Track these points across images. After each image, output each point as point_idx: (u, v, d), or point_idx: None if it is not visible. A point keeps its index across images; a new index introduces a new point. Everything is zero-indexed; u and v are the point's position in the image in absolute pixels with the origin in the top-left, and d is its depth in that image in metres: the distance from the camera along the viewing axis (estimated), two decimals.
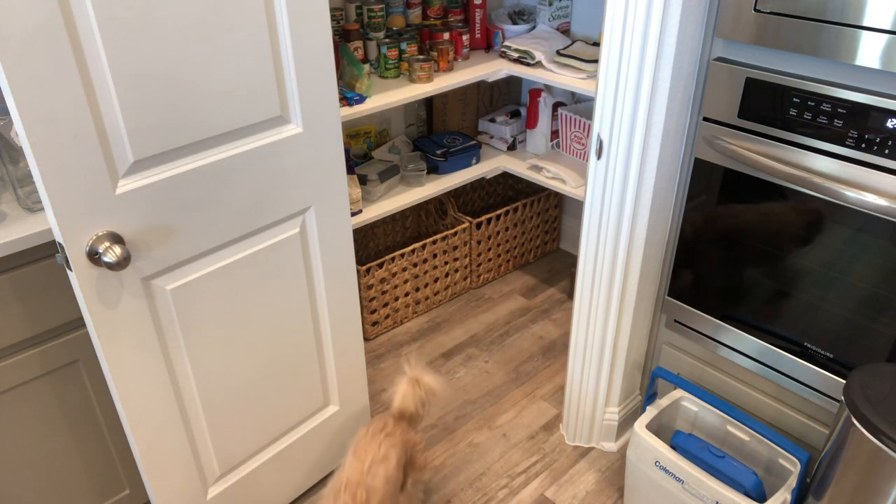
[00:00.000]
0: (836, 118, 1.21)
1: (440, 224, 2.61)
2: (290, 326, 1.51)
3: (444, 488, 1.81)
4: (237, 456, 1.54)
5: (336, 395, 1.72)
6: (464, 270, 2.58)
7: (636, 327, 1.72)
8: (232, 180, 1.27)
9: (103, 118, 1.06)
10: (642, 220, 1.54)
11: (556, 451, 1.92)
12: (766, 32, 1.25)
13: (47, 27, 0.95)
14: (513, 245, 2.67)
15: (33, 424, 1.37)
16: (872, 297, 1.29)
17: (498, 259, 2.65)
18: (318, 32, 1.29)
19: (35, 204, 1.27)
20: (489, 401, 2.10)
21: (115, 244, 1.10)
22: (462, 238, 2.47)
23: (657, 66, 1.35)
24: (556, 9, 2.39)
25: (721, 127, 1.39)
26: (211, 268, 1.31)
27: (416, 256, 2.35)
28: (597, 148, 1.50)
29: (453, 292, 2.56)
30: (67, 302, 1.31)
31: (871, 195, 1.19)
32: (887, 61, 1.12)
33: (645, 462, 1.52)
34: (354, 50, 2.07)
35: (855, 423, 1.13)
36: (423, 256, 2.38)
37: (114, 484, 1.55)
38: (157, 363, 1.28)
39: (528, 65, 2.23)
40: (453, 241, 2.44)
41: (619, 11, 1.33)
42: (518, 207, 2.58)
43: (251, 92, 1.23)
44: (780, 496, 1.36)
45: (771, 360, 1.50)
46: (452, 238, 2.43)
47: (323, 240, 1.49)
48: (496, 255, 2.63)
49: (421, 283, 2.43)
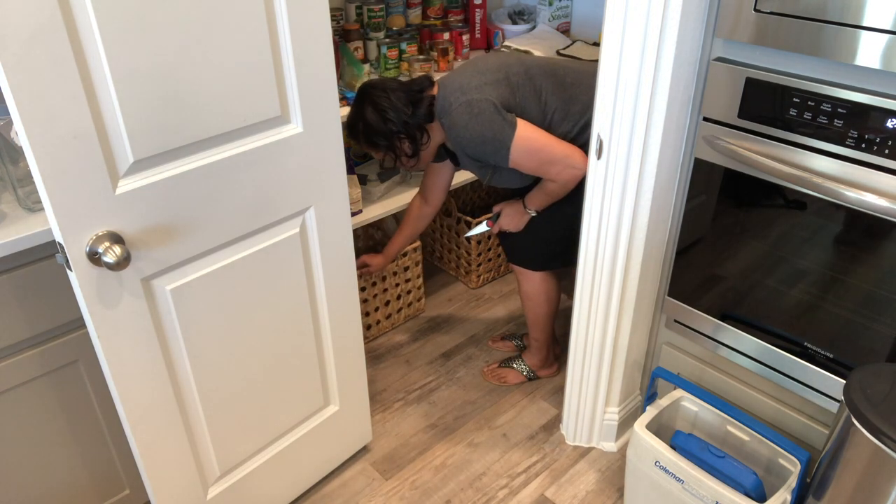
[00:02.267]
0: (836, 118, 1.22)
1: (442, 223, 2.61)
2: (291, 326, 1.51)
3: (444, 488, 1.81)
4: (237, 456, 1.54)
5: (336, 395, 1.72)
6: (464, 270, 2.58)
7: (636, 327, 1.72)
8: (232, 180, 1.27)
9: (103, 118, 1.06)
10: (642, 220, 1.54)
11: (556, 451, 1.92)
12: (765, 32, 1.25)
13: (47, 27, 0.95)
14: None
15: (33, 424, 1.37)
16: (872, 297, 1.29)
17: (498, 259, 2.65)
18: (318, 32, 1.29)
19: (35, 204, 1.27)
20: (489, 401, 2.10)
21: (115, 244, 1.10)
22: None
23: (657, 66, 1.35)
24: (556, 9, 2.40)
25: (721, 127, 1.39)
26: (211, 268, 1.31)
27: (417, 256, 2.35)
28: (597, 148, 1.50)
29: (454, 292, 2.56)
30: (67, 302, 1.31)
31: (871, 195, 1.19)
32: (887, 61, 1.12)
33: (645, 462, 1.52)
34: (354, 50, 2.08)
35: (855, 423, 1.13)
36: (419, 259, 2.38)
37: (114, 484, 1.55)
38: (157, 363, 1.28)
39: None
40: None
41: (618, 11, 1.33)
42: None
43: (251, 92, 1.23)
44: (780, 496, 1.36)
45: (771, 360, 1.50)
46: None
47: (323, 240, 1.49)
48: (496, 255, 2.63)
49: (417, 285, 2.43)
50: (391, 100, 1.69)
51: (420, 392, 2.13)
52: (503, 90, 1.64)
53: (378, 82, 1.75)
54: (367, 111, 1.70)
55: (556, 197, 1.76)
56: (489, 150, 1.65)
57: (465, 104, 1.62)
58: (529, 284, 1.97)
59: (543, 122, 1.68)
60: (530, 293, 1.98)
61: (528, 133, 1.62)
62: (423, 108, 1.70)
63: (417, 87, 1.73)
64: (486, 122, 1.60)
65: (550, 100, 1.69)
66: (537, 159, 1.65)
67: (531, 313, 2.03)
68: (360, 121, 1.73)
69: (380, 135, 1.71)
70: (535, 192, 1.79)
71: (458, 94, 1.64)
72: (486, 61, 1.73)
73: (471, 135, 1.63)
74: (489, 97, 1.61)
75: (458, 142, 1.69)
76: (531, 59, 1.76)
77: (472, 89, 1.63)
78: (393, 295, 2.34)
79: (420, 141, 1.74)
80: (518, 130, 1.61)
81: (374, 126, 1.71)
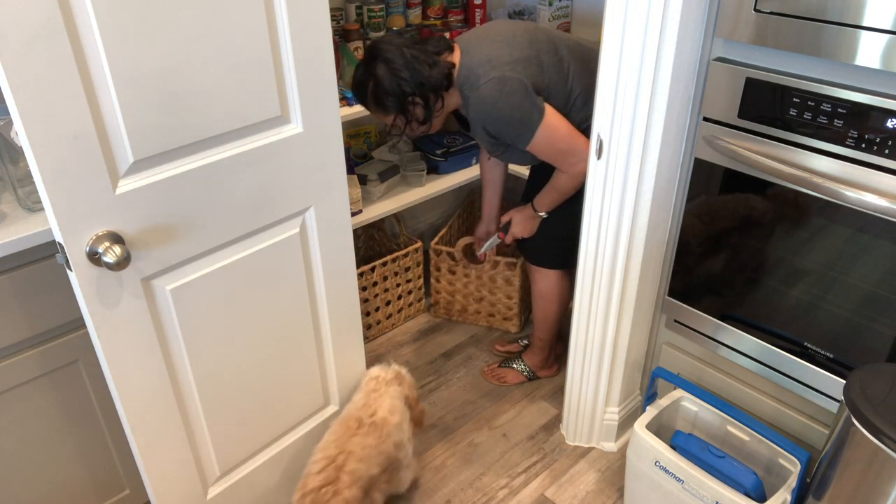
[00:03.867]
0: (836, 118, 1.21)
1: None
2: (291, 326, 1.51)
3: (444, 488, 1.81)
4: (237, 456, 1.54)
5: (336, 395, 1.71)
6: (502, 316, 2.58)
7: (636, 327, 1.72)
8: (232, 180, 1.27)
9: (103, 118, 1.06)
10: (642, 220, 1.54)
11: (556, 451, 1.92)
12: (766, 32, 1.25)
13: (47, 27, 0.95)
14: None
15: (33, 424, 1.37)
16: (872, 297, 1.29)
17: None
18: (318, 32, 1.29)
19: (35, 204, 1.27)
20: (489, 401, 2.10)
21: (115, 244, 1.10)
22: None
23: (657, 66, 1.35)
24: (556, 9, 2.39)
25: (721, 127, 1.39)
26: (211, 268, 1.31)
27: (418, 256, 2.35)
28: (597, 148, 1.50)
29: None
30: (67, 302, 1.31)
31: (871, 195, 1.19)
32: (887, 61, 1.12)
33: (645, 462, 1.52)
34: (354, 50, 2.07)
35: (855, 423, 1.13)
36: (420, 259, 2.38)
37: (114, 484, 1.55)
38: (156, 363, 1.28)
39: None
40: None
41: (618, 11, 1.33)
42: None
43: (251, 92, 1.23)
44: (780, 496, 1.36)
45: (771, 360, 1.50)
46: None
47: (323, 240, 1.49)
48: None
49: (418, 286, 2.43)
50: (406, 58, 1.56)
51: (420, 392, 2.13)
52: (534, 70, 1.57)
53: (391, 38, 1.63)
54: (379, 69, 1.57)
55: (565, 194, 1.74)
56: (513, 131, 1.60)
57: (497, 81, 1.54)
58: (546, 283, 1.96)
59: (567, 104, 1.64)
60: (545, 292, 1.98)
61: (554, 121, 1.59)
62: (440, 72, 1.59)
63: (434, 48, 1.61)
64: (517, 103, 1.55)
65: (576, 82, 1.64)
66: (556, 148, 1.62)
67: (542, 312, 2.02)
68: (369, 79, 1.59)
69: (391, 96, 1.59)
70: (544, 194, 1.77)
71: (488, 67, 1.55)
72: (512, 31, 1.63)
73: (499, 113, 1.57)
74: (521, 77, 1.54)
75: (480, 116, 1.62)
76: (559, 36, 1.69)
77: (503, 64, 1.55)
78: (393, 295, 2.34)
79: (433, 107, 1.62)
80: (545, 118, 1.57)
81: (385, 86, 1.58)
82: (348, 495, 1.34)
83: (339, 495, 1.33)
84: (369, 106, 1.66)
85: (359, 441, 1.44)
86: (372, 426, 1.47)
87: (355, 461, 1.39)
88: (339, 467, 1.38)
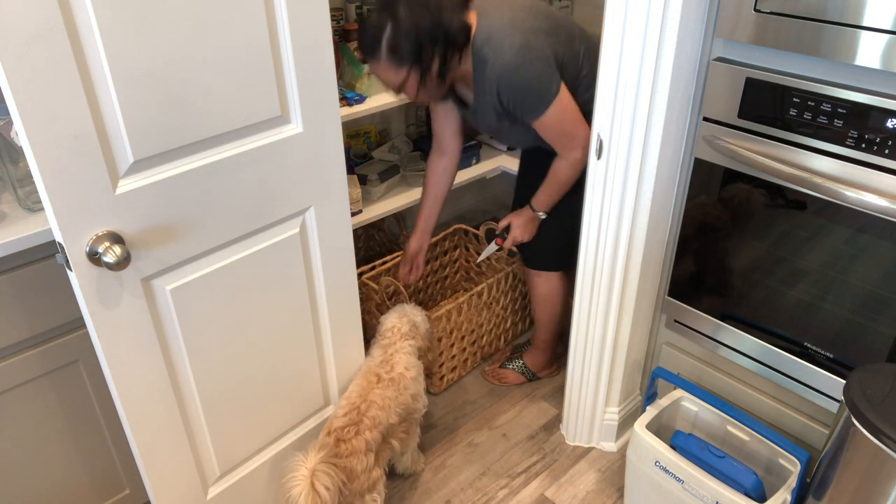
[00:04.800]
0: (836, 118, 1.21)
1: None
2: (290, 326, 1.51)
3: (444, 488, 1.81)
4: (237, 456, 1.54)
5: (336, 396, 1.71)
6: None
7: (636, 327, 1.72)
8: (232, 180, 1.27)
9: (103, 118, 1.06)
10: (642, 220, 1.54)
11: (556, 451, 1.92)
12: (765, 32, 1.25)
13: (47, 27, 0.95)
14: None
15: (33, 424, 1.37)
16: (872, 297, 1.29)
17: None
18: (318, 32, 1.29)
19: (35, 204, 1.27)
20: (489, 401, 2.10)
21: (115, 244, 1.10)
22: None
23: (657, 66, 1.35)
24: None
25: (721, 127, 1.39)
26: (211, 268, 1.31)
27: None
28: (597, 148, 1.50)
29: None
30: (67, 302, 1.31)
31: (871, 195, 1.19)
32: (887, 61, 1.12)
33: (645, 462, 1.52)
34: (354, 50, 2.07)
35: (855, 423, 1.13)
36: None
37: (114, 484, 1.55)
38: (157, 363, 1.28)
39: None
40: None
41: (618, 12, 1.33)
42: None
43: (251, 92, 1.23)
44: (780, 496, 1.36)
45: (771, 360, 1.50)
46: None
47: (323, 240, 1.49)
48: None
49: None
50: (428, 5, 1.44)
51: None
52: (553, 42, 1.53)
53: None
54: (400, 9, 1.42)
55: (564, 186, 1.73)
56: (528, 101, 1.55)
57: (522, 46, 1.48)
58: (547, 286, 1.96)
59: (575, 83, 1.62)
60: (547, 294, 1.98)
61: (566, 100, 1.57)
62: (461, 26, 1.48)
63: (454, 1, 1.48)
64: (539, 72, 1.51)
65: (585, 63, 1.63)
66: (561, 129, 1.61)
67: (544, 315, 2.02)
68: (387, 22, 1.43)
69: (411, 41, 1.43)
70: (542, 191, 1.77)
71: (510, 30, 1.49)
72: (530, 2, 1.59)
73: (520, 79, 1.50)
74: (545, 47, 1.51)
75: (498, 81, 1.53)
76: (567, 17, 1.68)
77: (526, 31, 1.49)
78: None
79: (449, 65, 1.50)
80: (560, 94, 1.55)
81: (405, 30, 1.42)
82: (368, 436, 1.49)
83: (360, 435, 1.49)
84: (381, 57, 1.47)
85: (379, 392, 1.58)
86: (391, 381, 1.61)
87: (376, 409, 1.54)
88: (361, 412, 1.53)
